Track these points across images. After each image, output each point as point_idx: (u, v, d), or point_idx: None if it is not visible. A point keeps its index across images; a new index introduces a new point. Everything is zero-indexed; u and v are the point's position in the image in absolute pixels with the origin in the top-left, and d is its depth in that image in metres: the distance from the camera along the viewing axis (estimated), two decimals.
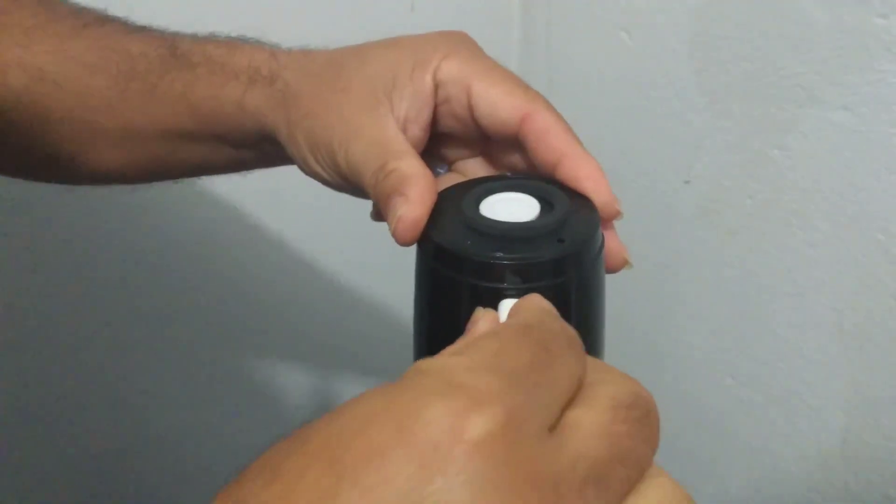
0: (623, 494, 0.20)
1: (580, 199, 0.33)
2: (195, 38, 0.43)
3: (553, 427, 0.20)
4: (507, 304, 0.28)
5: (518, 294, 0.29)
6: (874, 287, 0.57)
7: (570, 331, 0.23)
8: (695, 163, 0.68)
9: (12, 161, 0.48)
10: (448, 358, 0.21)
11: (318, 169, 0.37)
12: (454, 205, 0.32)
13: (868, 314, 0.58)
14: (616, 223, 0.34)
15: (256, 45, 0.41)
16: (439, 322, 0.32)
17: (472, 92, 0.35)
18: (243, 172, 0.46)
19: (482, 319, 0.26)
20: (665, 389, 0.78)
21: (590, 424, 0.20)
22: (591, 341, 0.33)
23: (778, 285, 0.64)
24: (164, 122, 0.42)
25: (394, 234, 0.32)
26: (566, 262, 0.30)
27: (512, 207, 0.32)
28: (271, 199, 0.79)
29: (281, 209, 0.81)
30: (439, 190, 0.34)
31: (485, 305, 0.28)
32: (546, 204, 0.32)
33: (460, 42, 0.37)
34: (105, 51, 0.42)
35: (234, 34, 0.43)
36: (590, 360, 0.23)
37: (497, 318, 0.27)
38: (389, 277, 0.68)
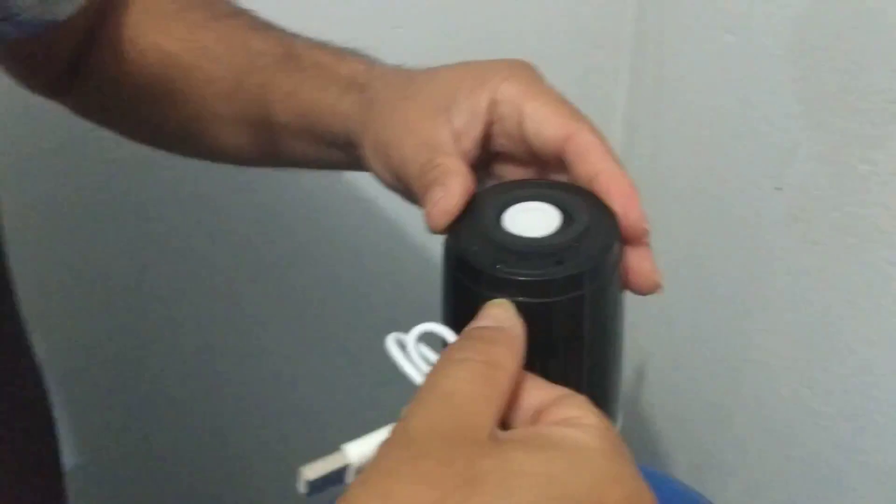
0: None
1: (605, 216, 0.34)
2: (309, 43, 0.47)
3: None
4: None
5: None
6: None
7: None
8: (787, 170, 0.68)
9: (148, 133, 0.54)
10: None
11: (376, 166, 0.41)
12: (480, 208, 0.35)
13: None
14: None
15: (359, 57, 0.46)
16: (450, 318, 0.35)
17: (524, 111, 0.37)
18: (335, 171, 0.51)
19: (489, 314, 0.30)
20: (741, 394, 0.79)
21: None
22: (600, 361, 0.35)
23: (855, 300, 0.63)
24: (271, 115, 0.47)
25: (427, 219, 0.35)
26: (560, 284, 0.32)
27: (530, 219, 0.34)
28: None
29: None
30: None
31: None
32: (568, 218, 0.34)
33: (522, 68, 0.40)
34: (230, 45, 0.47)
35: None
36: None
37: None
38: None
